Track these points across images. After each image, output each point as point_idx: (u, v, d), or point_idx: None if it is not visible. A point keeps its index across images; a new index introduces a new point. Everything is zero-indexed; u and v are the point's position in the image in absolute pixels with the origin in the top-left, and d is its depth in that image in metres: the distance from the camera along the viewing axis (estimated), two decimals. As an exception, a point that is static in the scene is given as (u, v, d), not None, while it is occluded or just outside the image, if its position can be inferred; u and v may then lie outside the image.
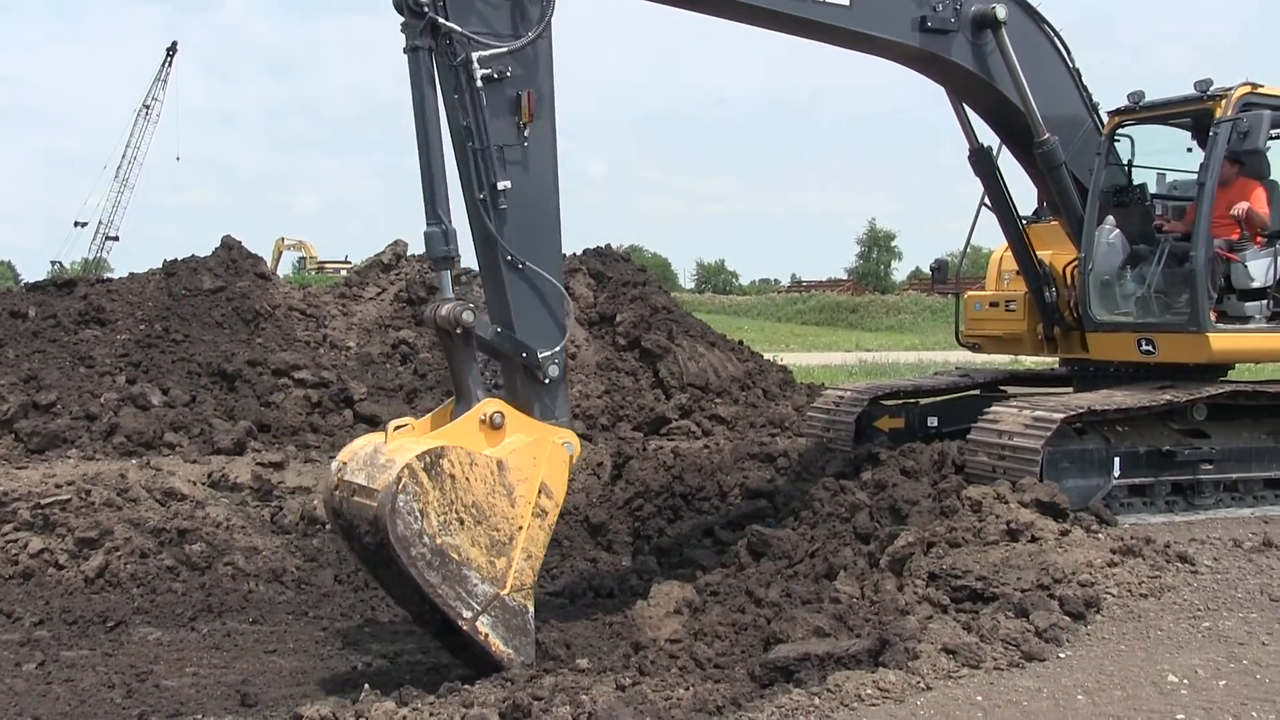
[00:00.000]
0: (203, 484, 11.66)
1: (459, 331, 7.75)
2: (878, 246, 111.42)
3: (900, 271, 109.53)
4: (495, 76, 7.69)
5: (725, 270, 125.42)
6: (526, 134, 7.86)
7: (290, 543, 11.26)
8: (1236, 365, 11.47)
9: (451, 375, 8.17)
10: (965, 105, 11.22)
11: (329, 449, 13.16)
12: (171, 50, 70.65)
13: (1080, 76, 10.95)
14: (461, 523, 7.26)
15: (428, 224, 7.83)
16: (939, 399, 12.64)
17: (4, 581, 10.47)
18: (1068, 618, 7.19)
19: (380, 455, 7.45)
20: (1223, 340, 10.07)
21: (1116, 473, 9.73)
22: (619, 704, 6.37)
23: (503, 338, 7.96)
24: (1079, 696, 6.16)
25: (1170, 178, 11.52)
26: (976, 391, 12.63)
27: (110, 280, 17.06)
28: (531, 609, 7.63)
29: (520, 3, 7.84)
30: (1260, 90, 10.16)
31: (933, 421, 12.18)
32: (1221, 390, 10.22)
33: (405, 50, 7.68)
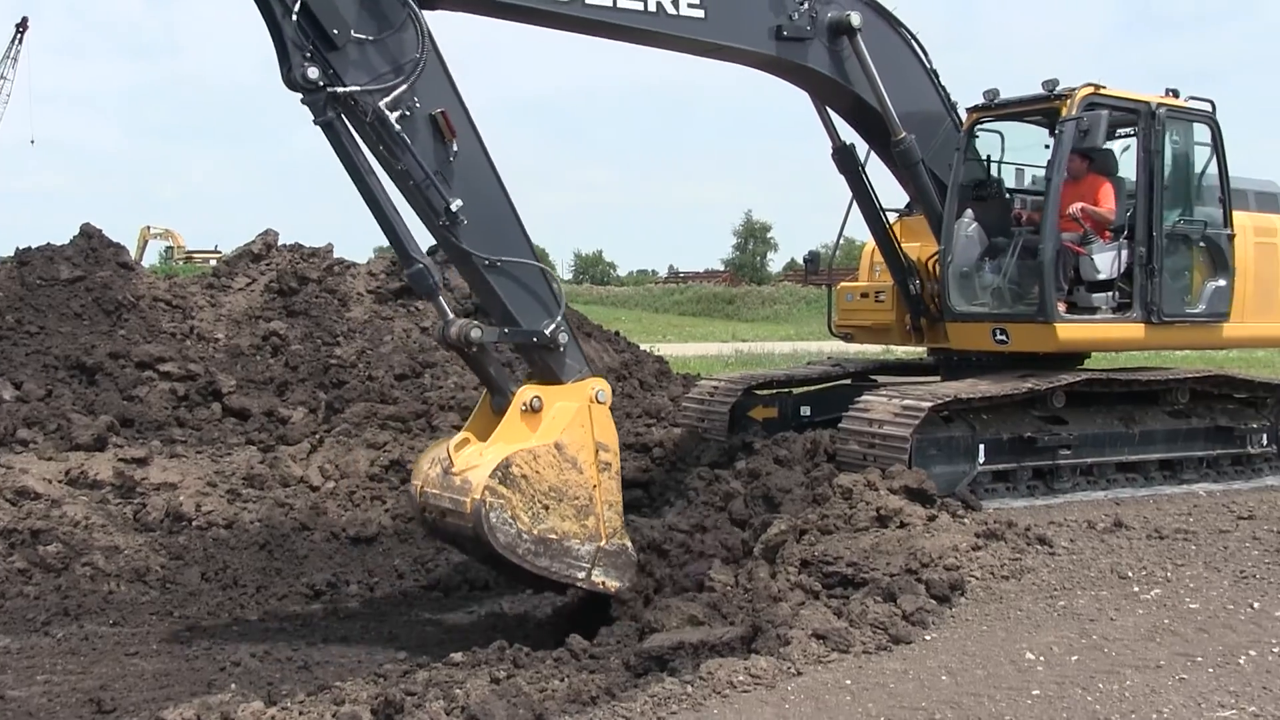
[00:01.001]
0: (59, 482, 11.27)
1: (473, 350, 8.56)
2: (754, 238, 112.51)
3: (776, 263, 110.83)
4: (407, 113, 7.96)
5: (603, 261, 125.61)
6: (455, 149, 8.20)
7: (154, 541, 10.94)
8: (1092, 354, 11.83)
9: (480, 379, 9.15)
10: (827, 106, 11.43)
11: (196, 443, 12.86)
12: (21, 26, 68.19)
13: (938, 77, 11.25)
14: (547, 509, 8.29)
15: (407, 267, 8.45)
16: (812, 389, 12.83)
17: None
18: (933, 601, 7.35)
19: (454, 477, 8.34)
20: (1069, 330, 10.43)
21: (981, 459, 9.99)
22: (493, 697, 6.33)
23: (511, 334, 8.64)
24: (943, 677, 6.30)
25: (1034, 173, 11.84)
26: (848, 381, 12.85)
27: (-41, 269, 16.37)
28: (629, 543, 8.75)
29: (396, 36, 8.02)
30: (1103, 91, 10.52)
31: (806, 411, 12.35)
32: (1079, 379, 10.54)
33: (316, 124, 7.97)
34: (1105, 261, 10.65)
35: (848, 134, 11.59)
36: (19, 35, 67.85)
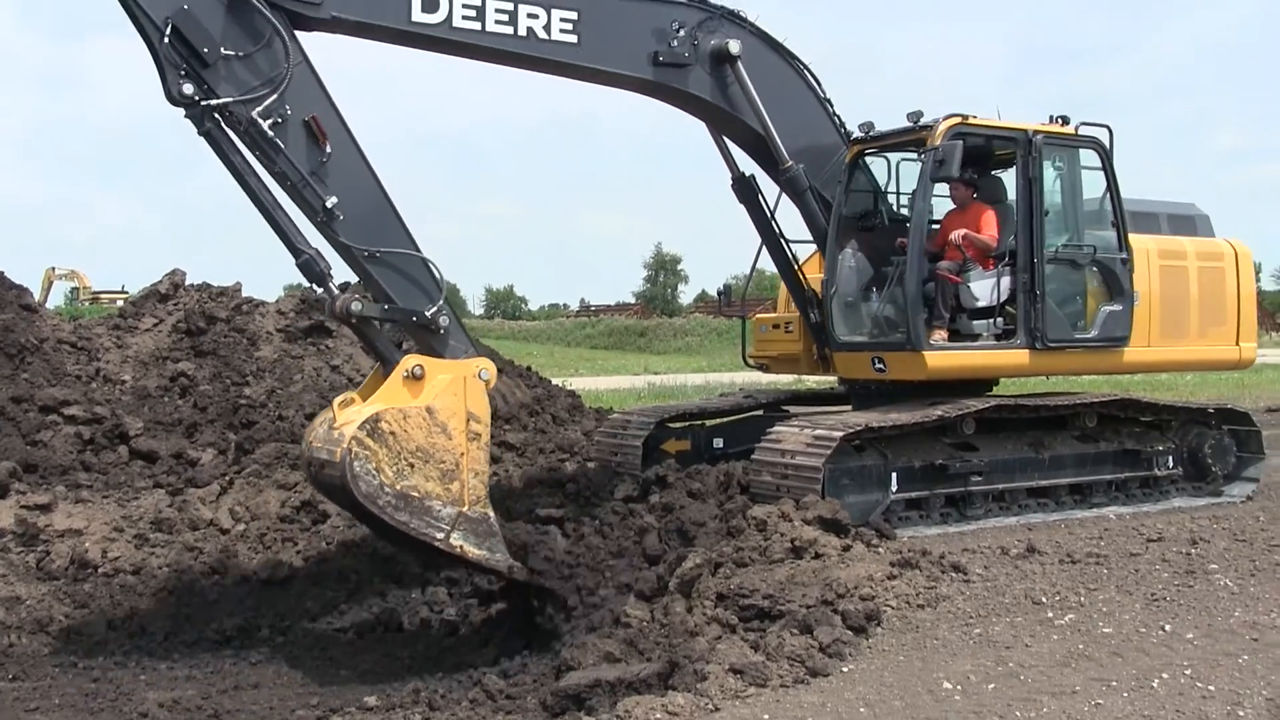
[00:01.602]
0: (-40, 531, 10.94)
1: (354, 320, 8.91)
2: (664, 270, 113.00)
3: (687, 295, 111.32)
4: (279, 120, 8.47)
5: (514, 296, 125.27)
6: (328, 150, 8.68)
7: (58, 589, 10.64)
8: (999, 380, 12.02)
9: (369, 351, 9.47)
10: (724, 136, 11.55)
11: (102, 488, 12.55)
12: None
13: (831, 105, 11.41)
14: (412, 466, 8.63)
15: (296, 258, 8.85)
16: (724, 420, 12.89)
17: None
18: (850, 632, 7.40)
19: (333, 430, 8.72)
20: (939, 358, 10.58)
21: (894, 488, 10.10)
22: (408, 742, 6.25)
23: (391, 310, 8.97)
24: (861, 709, 6.33)
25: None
26: (760, 412, 12.92)
27: None
28: (492, 514, 9.01)
29: (263, 52, 8.50)
30: (971, 121, 10.72)
31: (718, 443, 12.41)
32: (987, 405, 10.70)
33: (200, 135, 8.47)
34: (983, 289, 10.86)
35: (747, 165, 11.71)
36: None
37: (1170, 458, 11.93)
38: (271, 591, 11.15)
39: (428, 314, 8.95)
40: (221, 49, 8.32)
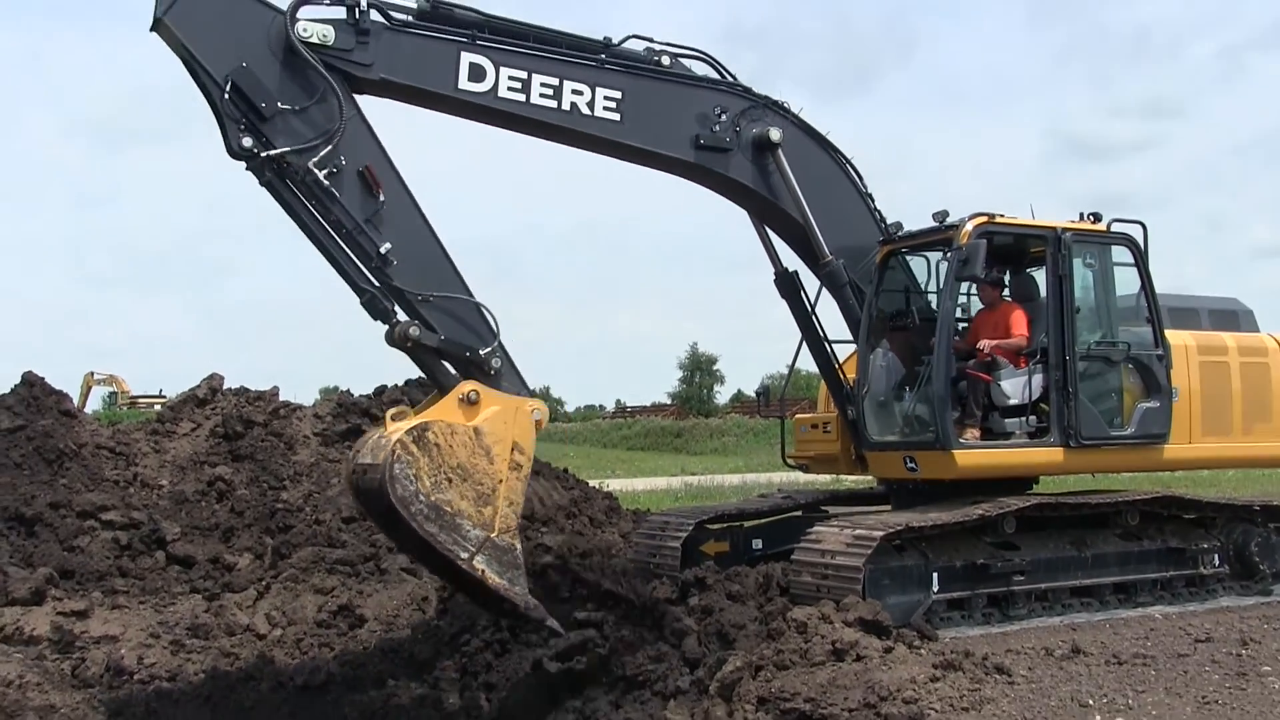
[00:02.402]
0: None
1: (409, 345, 8.93)
2: (700, 370, 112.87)
3: (723, 395, 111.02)
4: (335, 170, 8.73)
5: (550, 397, 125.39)
6: (382, 198, 8.91)
7: (93, 697, 10.57)
8: (1039, 479, 11.89)
9: (428, 376, 9.46)
10: (766, 228, 11.63)
11: (139, 593, 12.57)
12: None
13: (872, 200, 11.45)
14: (450, 481, 8.65)
15: (360, 297, 8.99)
16: (763, 521, 12.79)
17: None
18: (894, 736, 7.25)
19: (381, 438, 8.76)
20: (970, 457, 10.51)
21: (935, 588, 9.97)
22: None
23: (447, 343, 9.04)
24: (908, 816, 6.18)
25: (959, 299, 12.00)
26: (799, 513, 12.82)
27: (-101, 422, 16.08)
28: (519, 546, 8.95)
29: (319, 105, 8.76)
30: (999, 220, 10.75)
31: (757, 544, 12.31)
32: (1028, 504, 10.59)
33: (262, 185, 8.73)
34: (1015, 387, 10.82)
35: (790, 260, 11.77)
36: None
37: (1216, 556, 11.73)
38: (309, 697, 11.06)
39: (481, 353, 9.06)
40: (279, 103, 8.62)
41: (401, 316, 9.04)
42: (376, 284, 8.97)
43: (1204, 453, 11.83)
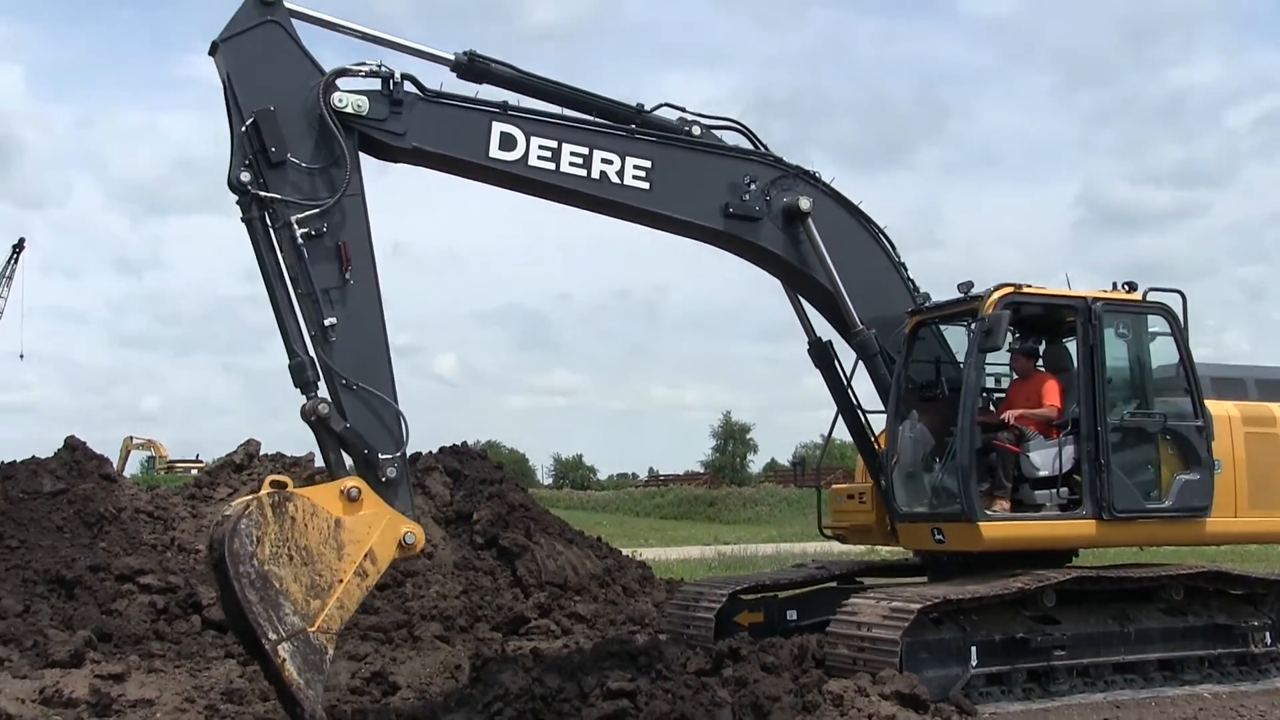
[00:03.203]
0: (33, 701, 10.96)
1: (314, 420, 8.81)
2: (733, 439, 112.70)
3: (756, 463, 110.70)
4: (313, 233, 8.86)
5: (583, 465, 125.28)
6: (348, 278, 8.98)
7: (130, 762, 10.61)
8: (1077, 552, 11.74)
9: (323, 458, 9.23)
10: (800, 297, 11.66)
11: (175, 658, 12.59)
12: (19, 247, 69.18)
13: (905, 269, 11.47)
14: (290, 559, 8.30)
15: (290, 359, 8.90)
16: (798, 592, 12.70)
17: None
18: (933, 813, 7.15)
19: (251, 495, 8.53)
20: (996, 529, 10.37)
21: (974, 661, 9.85)
22: None
23: (350, 433, 8.90)
24: None
25: (993, 370, 11.94)
26: (834, 583, 12.73)
27: (-56, 484, 16.28)
28: (331, 653, 8.47)
29: (327, 171, 8.99)
30: (1026, 290, 10.72)
31: (792, 615, 12.22)
32: (1069, 576, 10.47)
33: (243, 220, 8.90)
34: (1044, 459, 10.74)
35: (824, 330, 11.80)
36: (15, 256, 68.76)
37: (1268, 634, 11.40)
38: (341, 764, 11.01)
39: (380, 457, 8.91)
40: (289, 154, 8.87)
41: (322, 392, 8.95)
42: (308, 354, 8.90)
43: (1251, 526, 11.55)
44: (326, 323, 8.84)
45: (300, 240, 8.82)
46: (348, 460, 9.07)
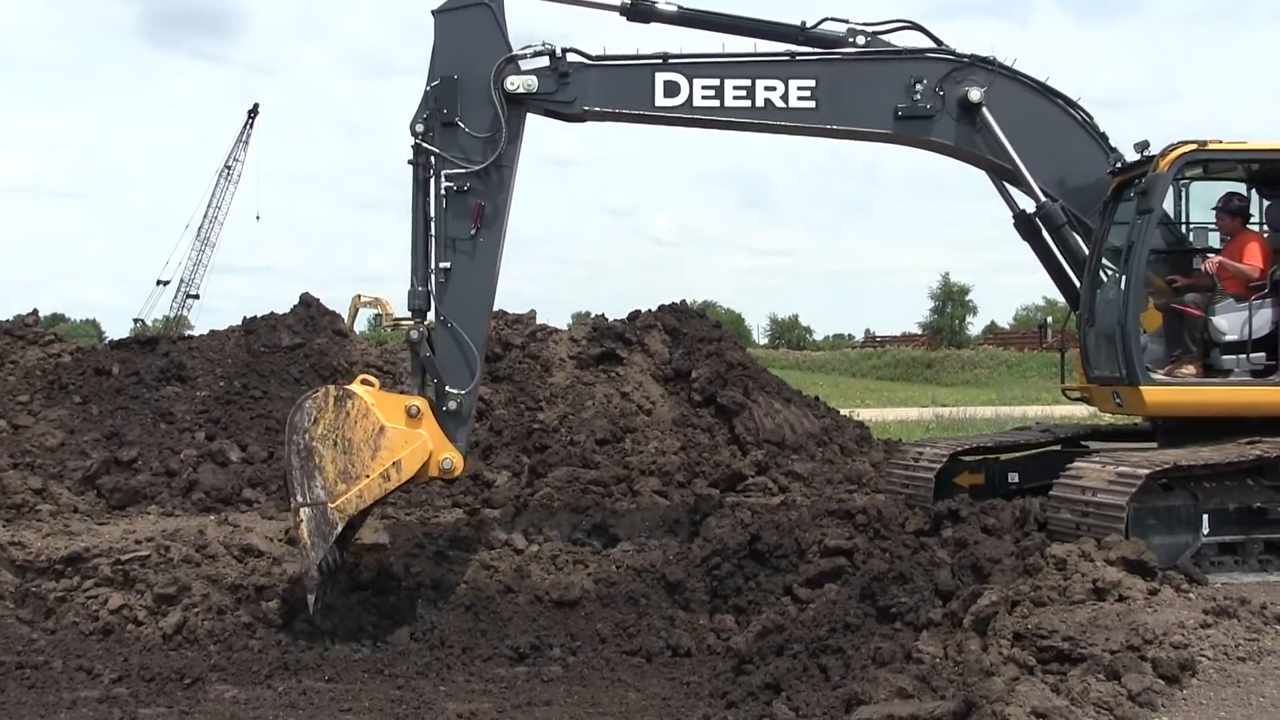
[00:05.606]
0: (279, 540, 11.71)
1: (408, 341, 10.53)
2: (952, 301, 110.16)
3: (975, 326, 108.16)
4: (457, 189, 10.27)
5: (799, 326, 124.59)
6: (474, 234, 10.31)
7: (366, 600, 11.24)
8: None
9: (412, 372, 10.80)
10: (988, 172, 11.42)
11: (405, 505, 13.20)
12: (253, 112, 71.42)
13: (1095, 128, 11.10)
14: (334, 444, 9.97)
15: (413, 283, 10.43)
16: (1019, 455, 12.42)
17: (84, 638, 10.58)
18: (1161, 681, 6.94)
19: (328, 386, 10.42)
20: (1160, 394, 10.07)
21: (1205, 530, 9.47)
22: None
23: (428, 360, 10.39)
24: (1175, 764, 5.94)
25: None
26: (1057, 447, 12.39)
27: (191, 338, 17.28)
28: (339, 529, 10.03)
29: (488, 140, 10.30)
30: (1211, 146, 10.05)
31: (1014, 478, 11.96)
32: (1315, 445, 9.89)
33: (409, 162, 10.37)
34: (1231, 323, 10.14)
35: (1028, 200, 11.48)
36: (250, 121, 71.26)
37: None
38: (562, 612, 11.43)
39: (447, 389, 10.28)
40: (457, 119, 10.26)
41: (425, 321, 10.36)
42: (429, 287, 10.34)
43: None
44: (443, 265, 10.28)
45: (444, 191, 10.24)
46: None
